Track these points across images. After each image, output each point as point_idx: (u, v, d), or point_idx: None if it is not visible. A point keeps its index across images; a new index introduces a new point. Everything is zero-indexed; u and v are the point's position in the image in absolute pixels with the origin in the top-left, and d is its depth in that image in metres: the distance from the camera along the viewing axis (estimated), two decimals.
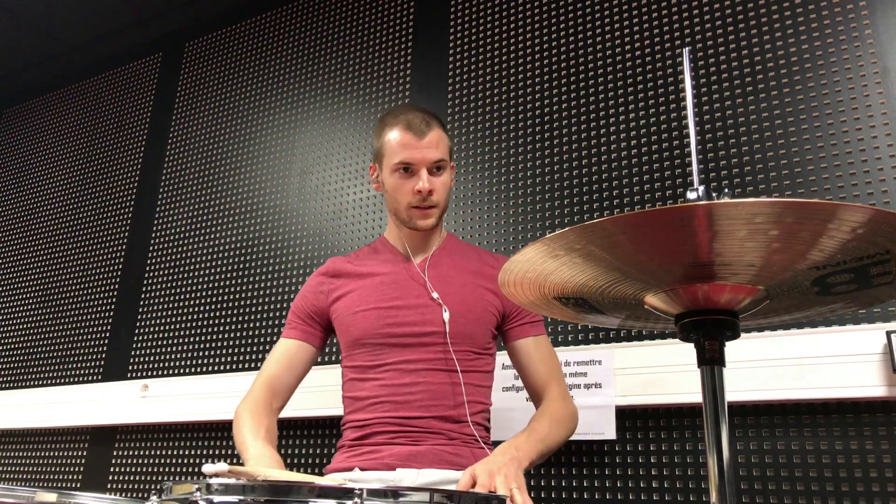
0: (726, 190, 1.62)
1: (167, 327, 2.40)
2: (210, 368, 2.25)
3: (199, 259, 2.43)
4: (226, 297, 2.31)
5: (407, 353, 1.30)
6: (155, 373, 2.35)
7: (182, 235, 2.51)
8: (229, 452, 2.12)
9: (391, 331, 1.32)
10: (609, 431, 1.56)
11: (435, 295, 1.33)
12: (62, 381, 2.55)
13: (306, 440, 2.00)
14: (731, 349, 0.78)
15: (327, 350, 2.04)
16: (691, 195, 0.77)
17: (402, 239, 1.43)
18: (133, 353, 2.43)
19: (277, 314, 2.19)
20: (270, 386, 1.38)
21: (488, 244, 1.91)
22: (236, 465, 0.82)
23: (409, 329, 1.31)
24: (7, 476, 2.54)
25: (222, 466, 0.79)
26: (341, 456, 1.31)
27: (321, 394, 1.86)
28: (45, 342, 2.67)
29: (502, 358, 1.74)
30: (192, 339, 2.33)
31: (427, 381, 1.28)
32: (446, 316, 1.31)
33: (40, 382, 2.60)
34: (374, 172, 1.43)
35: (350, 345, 1.36)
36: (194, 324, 2.34)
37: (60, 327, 2.66)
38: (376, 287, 1.37)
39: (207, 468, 0.80)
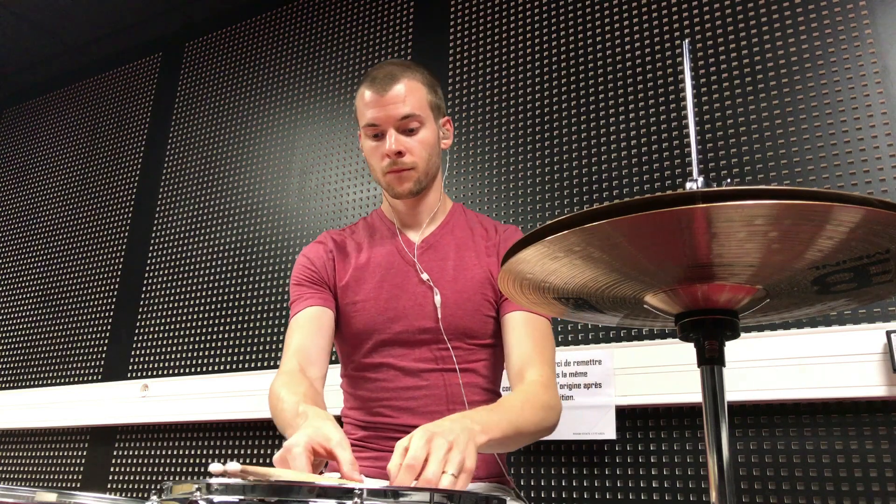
0: (727, 180, 1.61)
1: (167, 327, 2.40)
2: (210, 368, 2.25)
3: (199, 259, 2.43)
4: (226, 297, 2.31)
5: (406, 351, 1.22)
6: (155, 373, 2.35)
7: (182, 235, 2.51)
8: (229, 452, 2.12)
9: (391, 326, 1.23)
10: (609, 431, 1.56)
11: (425, 276, 1.23)
12: (62, 381, 2.55)
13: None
14: (731, 349, 0.78)
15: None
16: (690, 185, 0.77)
17: (396, 213, 1.32)
18: (133, 353, 2.43)
19: (277, 314, 2.19)
20: (301, 355, 1.19)
21: None
22: (249, 466, 0.78)
23: (407, 324, 1.22)
24: (7, 476, 2.54)
25: (234, 466, 0.72)
26: None
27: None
28: (45, 342, 2.67)
29: None
30: (192, 339, 2.33)
31: (427, 385, 1.20)
32: (437, 300, 1.21)
33: (40, 382, 2.60)
34: (361, 138, 1.30)
35: (353, 336, 1.27)
36: (194, 324, 2.34)
37: (60, 327, 2.66)
38: (373, 274, 1.27)
39: (215, 468, 0.72)
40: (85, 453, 2.40)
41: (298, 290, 1.28)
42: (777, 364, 1.44)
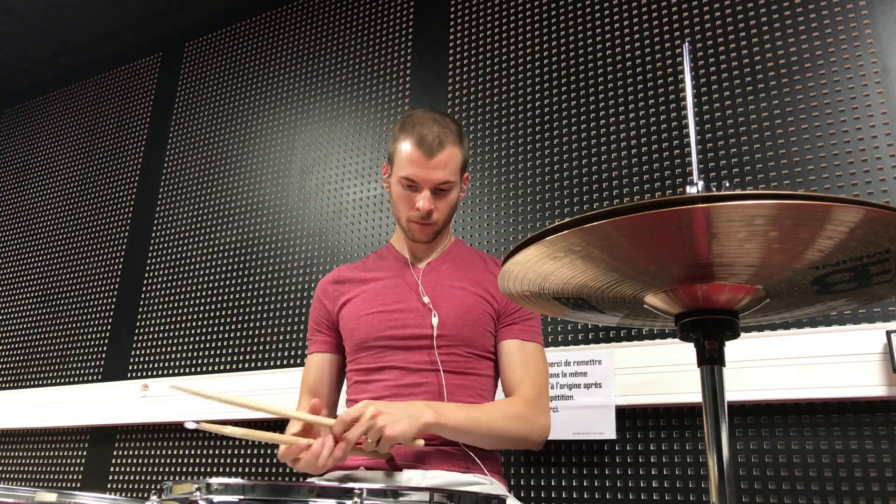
0: (727, 184, 1.62)
1: (167, 327, 2.40)
2: (210, 368, 2.25)
3: (199, 259, 2.43)
4: (226, 297, 2.31)
5: (409, 354, 1.31)
6: (155, 373, 2.35)
7: (182, 235, 2.51)
8: (229, 452, 2.12)
9: (393, 333, 1.32)
10: (609, 431, 1.56)
11: (426, 300, 1.34)
12: (62, 381, 2.55)
13: None
14: (731, 349, 0.78)
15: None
16: (691, 189, 0.77)
17: (406, 245, 1.44)
18: (133, 353, 2.43)
19: (277, 314, 2.19)
20: (313, 394, 1.41)
21: (488, 244, 1.92)
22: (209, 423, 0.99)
23: (409, 331, 1.32)
24: (7, 476, 2.54)
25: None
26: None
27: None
28: (45, 342, 2.67)
29: None
30: (192, 339, 2.33)
31: (428, 382, 1.28)
32: (435, 321, 1.31)
33: (40, 382, 2.60)
34: (385, 172, 1.42)
35: (355, 348, 1.36)
36: (194, 324, 2.34)
37: (60, 327, 2.66)
38: (378, 292, 1.38)
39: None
40: (85, 453, 2.40)
41: (310, 332, 1.47)
42: (777, 364, 1.44)
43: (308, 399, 1.39)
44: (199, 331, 2.33)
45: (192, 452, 2.18)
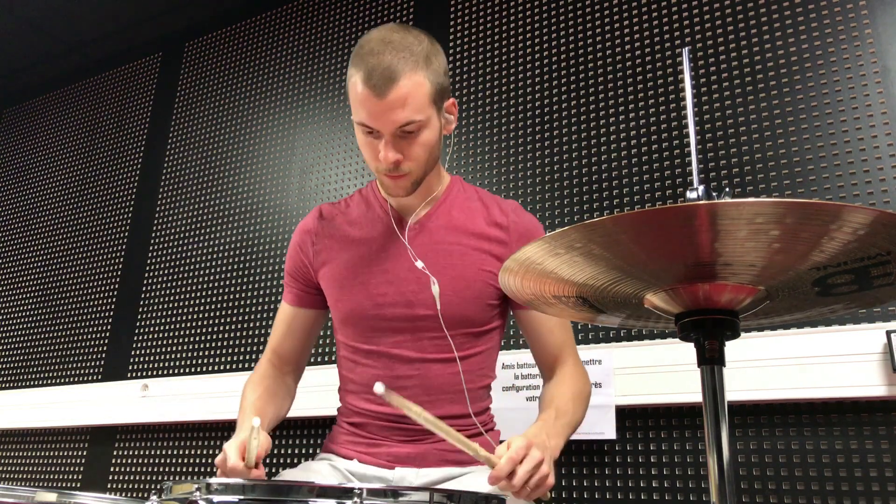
0: (727, 190, 1.62)
1: (167, 327, 2.39)
2: (210, 368, 2.25)
3: (199, 259, 2.43)
4: (226, 297, 2.31)
5: (399, 338, 1.18)
6: (155, 373, 2.35)
7: (182, 235, 2.51)
8: None
9: (381, 312, 1.18)
10: (609, 431, 1.56)
11: (420, 264, 1.16)
12: (62, 381, 2.55)
13: (306, 439, 2.00)
14: (731, 349, 0.78)
15: (326, 350, 2.04)
16: (691, 195, 0.77)
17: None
18: (133, 353, 2.43)
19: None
20: (276, 353, 1.32)
21: None
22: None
23: (400, 311, 1.17)
24: (7, 476, 2.54)
25: None
26: (340, 438, 1.24)
27: (321, 394, 1.85)
28: (45, 342, 2.67)
29: (502, 357, 1.73)
30: (192, 339, 2.33)
31: (421, 374, 1.17)
32: (435, 290, 1.15)
33: (40, 382, 2.60)
34: (354, 121, 1.16)
35: (341, 321, 1.24)
36: (194, 324, 2.34)
37: (60, 327, 2.65)
38: (362, 255, 1.21)
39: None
40: (85, 453, 2.40)
41: (286, 278, 1.33)
42: (777, 364, 1.44)
43: (273, 354, 1.31)
44: (199, 331, 2.33)
45: (192, 452, 2.18)
